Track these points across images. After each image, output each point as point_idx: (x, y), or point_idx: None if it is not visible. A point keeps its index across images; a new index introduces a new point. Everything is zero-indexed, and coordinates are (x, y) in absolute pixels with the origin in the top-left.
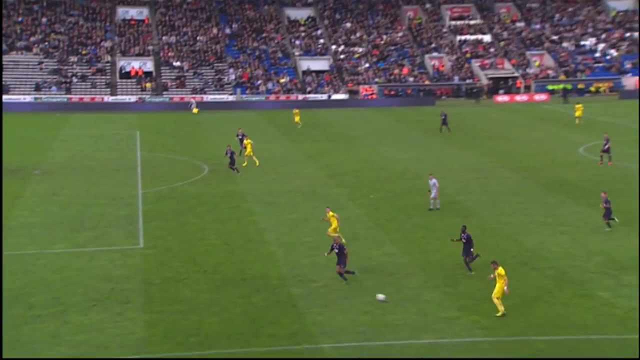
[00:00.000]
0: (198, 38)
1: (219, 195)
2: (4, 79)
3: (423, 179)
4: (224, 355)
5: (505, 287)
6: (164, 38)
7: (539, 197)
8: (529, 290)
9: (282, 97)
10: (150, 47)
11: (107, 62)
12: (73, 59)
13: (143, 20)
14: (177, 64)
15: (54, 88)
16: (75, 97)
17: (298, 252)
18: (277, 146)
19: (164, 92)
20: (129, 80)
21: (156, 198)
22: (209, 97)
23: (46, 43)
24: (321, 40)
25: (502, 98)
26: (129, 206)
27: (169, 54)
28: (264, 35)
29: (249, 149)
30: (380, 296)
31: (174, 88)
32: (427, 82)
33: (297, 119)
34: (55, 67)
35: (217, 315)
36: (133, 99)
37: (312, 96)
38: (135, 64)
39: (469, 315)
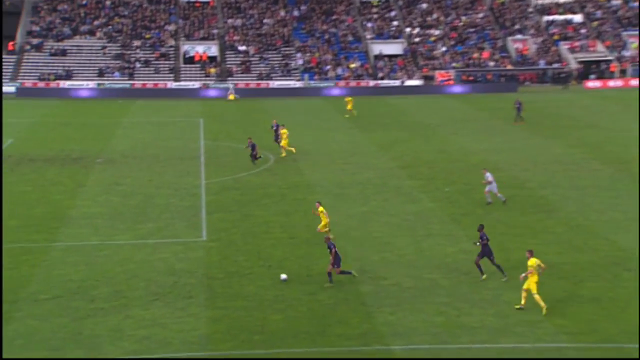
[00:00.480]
0: (265, 21)
1: (285, 186)
2: (68, 64)
3: (504, 171)
4: (289, 354)
5: (524, 274)
6: (229, 21)
7: (632, 192)
8: (621, 293)
9: (352, 83)
10: (215, 31)
11: (171, 46)
12: (136, 43)
13: (208, 3)
14: (243, 48)
15: (116, 74)
16: (138, 83)
17: (367, 248)
18: (346, 135)
19: (229, 78)
20: (192, 66)
21: (220, 189)
22: (275, 83)
23: (109, 27)
24: (395, 23)
25: (593, 84)
26: (192, 197)
27: (234, 37)
28: (334, 17)
29: (284, 140)
30: (283, 276)
31: (238, 73)
32: (509, 67)
33: (349, 107)
34: (119, 51)
35: (281, 312)
36: (197, 85)
37: (384, 82)
38: (199, 49)
39: (554, 319)
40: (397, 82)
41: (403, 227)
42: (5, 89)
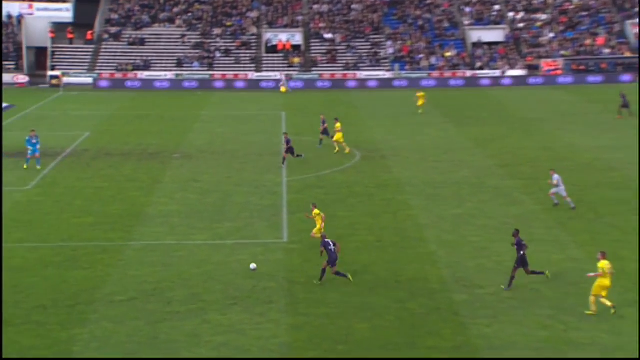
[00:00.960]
0: (353, 7)
1: (373, 185)
2: (146, 54)
3: (617, 170)
4: None
5: (592, 274)
6: (314, 7)
7: None
8: None
9: (447, 74)
10: (299, 18)
11: (253, 34)
12: (217, 31)
13: None
14: (329, 36)
15: (195, 63)
16: (217, 74)
17: (462, 253)
18: (439, 130)
19: (313, 68)
20: (275, 55)
21: (302, 187)
22: (362, 74)
23: (189, 14)
24: (496, 7)
25: None
26: (273, 195)
27: (320, 25)
28: (428, 2)
29: (338, 135)
30: (253, 265)
31: (324, 63)
32: (627, 54)
33: (420, 102)
34: (198, 40)
35: (368, 321)
36: (279, 75)
37: (482, 72)
38: (282, 37)
39: None
40: (497, 72)
41: (502, 231)
42: (82, 80)
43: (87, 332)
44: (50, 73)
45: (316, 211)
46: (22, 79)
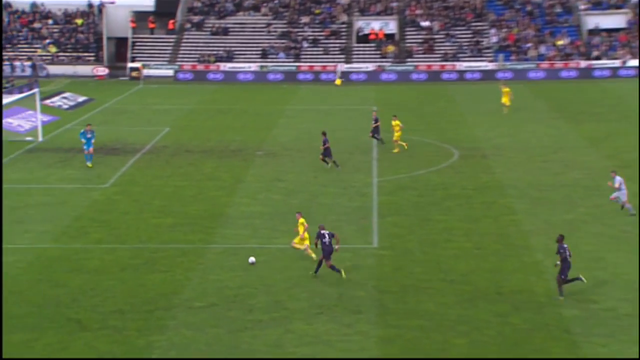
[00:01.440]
0: None
1: (471, 186)
2: (229, 44)
3: None
4: None
5: None
6: None
7: None
8: None
9: (559, 64)
10: (394, 4)
11: (343, 23)
12: (304, 19)
13: None
14: (426, 24)
15: (281, 54)
16: (304, 65)
17: (573, 263)
18: (548, 127)
19: (408, 59)
20: (367, 45)
21: (394, 188)
22: (462, 65)
23: (276, 1)
24: None
25: None
26: (362, 197)
27: (417, 11)
28: None
29: (397, 133)
30: (252, 259)
31: (420, 53)
32: None
33: (505, 99)
34: (284, 29)
35: (466, 335)
36: (371, 67)
37: (599, 62)
38: (375, 25)
39: None
40: (616, 63)
41: (620, 240)
42: (162, 72)
43: (165, 339)
44: (130, 65)
45: (301, 220)
46: (102, 71)
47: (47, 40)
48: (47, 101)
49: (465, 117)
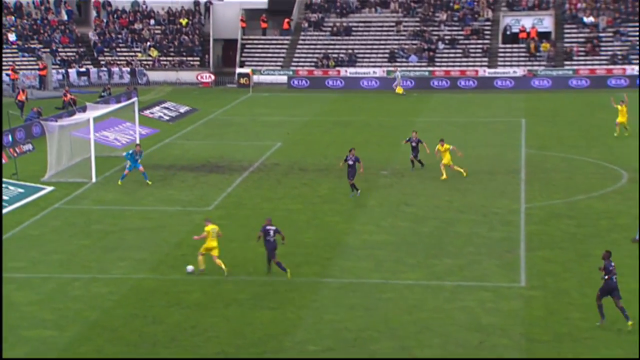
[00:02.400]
0: None
1: None
2: (351, 46)
3: None
4: None
5: None
6: None
7: None
8: None
9: None
10: None
11: (487, 20)
12: (441, 16)
13: None
14: (589, 20)
15: (412, 57)
16: (439, 70)
17: None
18: None
19: (566, 62)
20: (515, 46)
21: (546, 216)
22: (634, 69)
23: None
24: None
25: None
26: (506, 226)
27: (578, 5)
28: None
29: (446, 157)
30: (189, 267)
31: (581, 55)
32: None
33: (620, 119)
34: (417, 28)
35: None
36: (519, 72)
37: None
38: (526, 22)
39: None
40: None
41: None
42: (274, 78)
43: None
44: (238, 70)
45: (209, 227)
46: (207, 77)
47: (148, 43)
48: (146, 112)
49: (637, 132)
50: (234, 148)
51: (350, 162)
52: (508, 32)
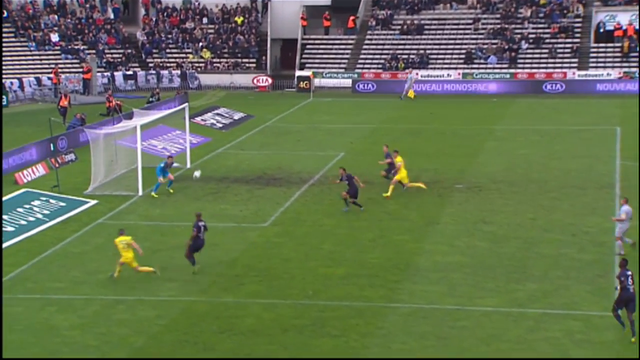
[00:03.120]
0: None
1: None
2: (423, 46)
3: None
4: None
5: None
6: None
7: None
8: None
9: None
10: None
11: (577, 15)
12: (524, 12)
13: None
14: None
15: (492, 58)
16: (522, 72)
17: None
18: None
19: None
20: (609, 45)
21: None
22: None
23: None
24: None
25: None
26: (598, 247)
27: None
28: None
29: (401, 173)
30: (197, 173)
31: None
32: None
33: None
34: (497, 25)
35: None
36: (614, 74)
37: None
38: (622, 18)
39: None
40: None
41: None
42: (338, 81)
43: None
44: (298, 73)
45: (121, 238)
46: (264, 81)
47: (201, 44)
48: (198, 119)
49: None
50: (293, 158)
51: (346, 182)
52: (601, 30)
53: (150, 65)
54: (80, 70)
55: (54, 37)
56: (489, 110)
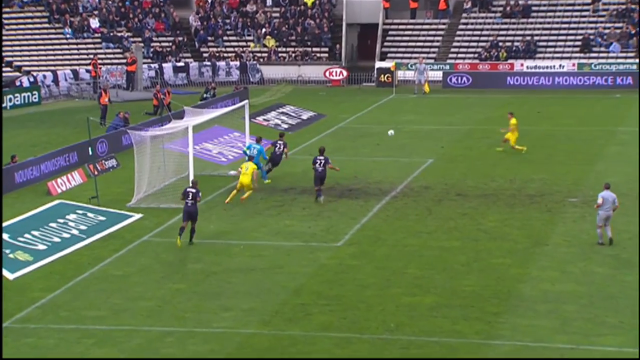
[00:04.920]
0: None
1: None
2: (530, 31)
3: None
4: None
5: None
6: None
7: None
8: None
9: None
10: None
11: None
12: None
13: None
14: None
15: (614, 46)
16: None
17: None
18: None
19: None
20: None
21: None
22: None
23: None
24: None
25: None
26: None
27: None
28: None
29: (513, 134)
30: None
31: None
32: None
33: (508, 135)
34: (622, 5)
35: None
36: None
37: None
38: None
39: None
40: None
41: None
42: (427, 74)
43: None
44: (378, 64)
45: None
46: (338, 74)
47: (264, 30)
48: (260, 118)
49: None
50: (371, 166)
51: (320, 168)
52: None
53: (205, 55)
54: (124, 61)
55: (94, 23)
56: (610, 109)
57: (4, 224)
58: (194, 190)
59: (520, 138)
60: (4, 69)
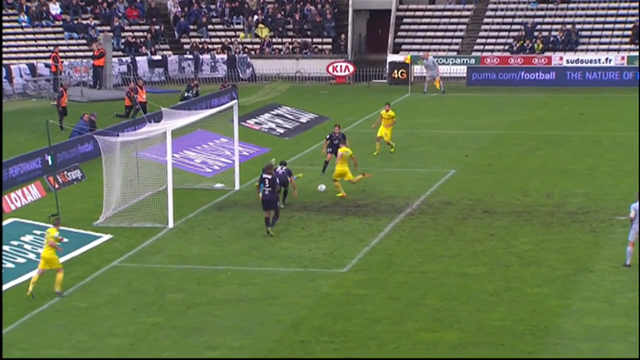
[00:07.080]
0: None
1: None
2: (570, 19)
3: None
4: None
5: None
6: None
7: None
8: None
9: None
10: None
11: None
12: None
13: None
14: None
15: None
16: None
17: None
18: None
19: None
20: None
21: None
22: None
23: None
24: None
25: None
26: None
27: None
28: None
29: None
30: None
31: None
32: None
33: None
34: None
35: None
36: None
37: None
38: None
39: None
40: None
41: None
42: (447, 69)
43: None
44: (391, 58)
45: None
46: (344, 69)
47: (255, 17)
48: (251, 121)
49: None
50: (383, 178)
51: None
52: None
53: (186, 47)
54: (90, 54)
55: (54, 9)
56: None
57: None
58: (269, 177)
59: (558, 148)
60: None
